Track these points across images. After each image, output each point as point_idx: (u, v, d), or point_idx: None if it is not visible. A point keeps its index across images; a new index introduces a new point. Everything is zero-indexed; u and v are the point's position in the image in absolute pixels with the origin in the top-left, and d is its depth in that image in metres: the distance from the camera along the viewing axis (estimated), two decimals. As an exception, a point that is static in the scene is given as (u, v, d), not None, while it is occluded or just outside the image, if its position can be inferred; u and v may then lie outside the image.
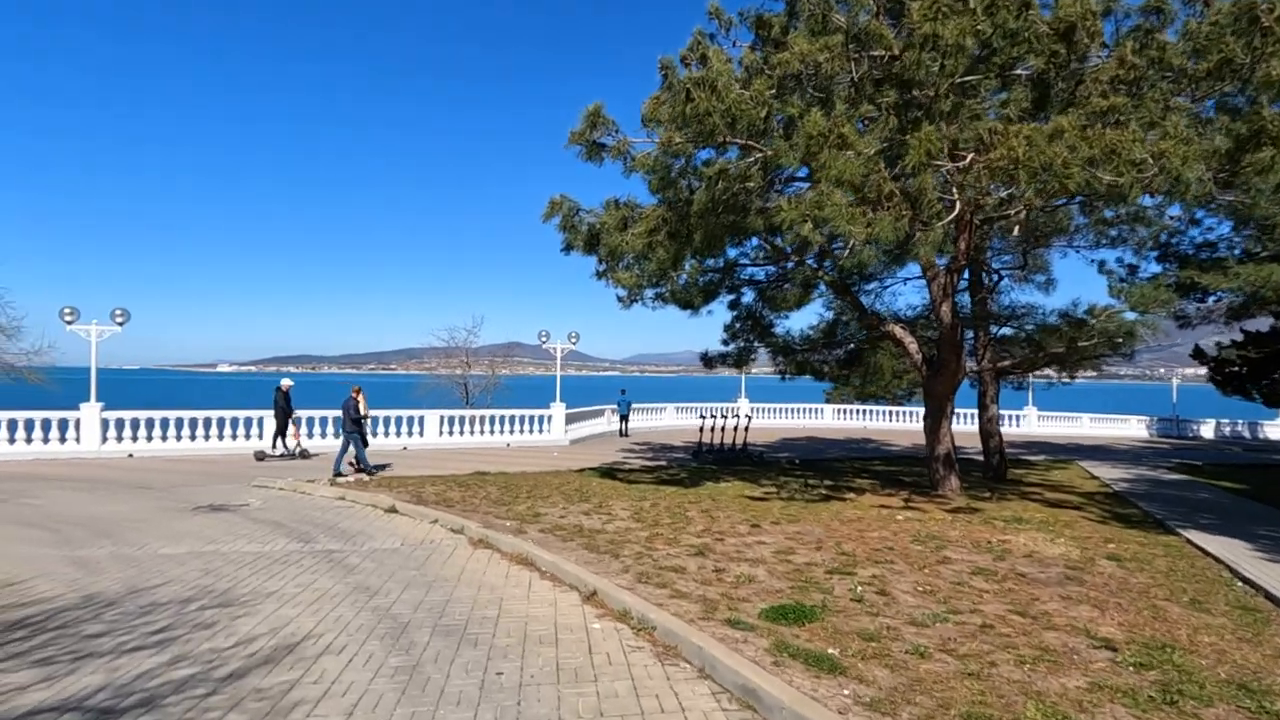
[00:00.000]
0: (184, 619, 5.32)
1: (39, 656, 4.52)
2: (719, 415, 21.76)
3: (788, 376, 16.04)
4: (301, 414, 19.36)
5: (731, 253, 13.72)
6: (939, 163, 7.99)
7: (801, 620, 5.13)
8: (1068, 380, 17.02)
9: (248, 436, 18.87)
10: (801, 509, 10.64)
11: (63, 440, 17.13)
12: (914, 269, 15.70)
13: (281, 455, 17.04)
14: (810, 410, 35.68)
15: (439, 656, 4.60)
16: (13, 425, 16.70)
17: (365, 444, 14.78)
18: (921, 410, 35.84)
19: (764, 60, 10.12)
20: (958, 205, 8.73)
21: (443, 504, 10.45)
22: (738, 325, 16.37)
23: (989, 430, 15.90)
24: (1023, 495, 13.12)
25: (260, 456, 16.98)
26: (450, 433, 21.49)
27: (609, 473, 15.12)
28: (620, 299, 15.97)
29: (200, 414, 18.56)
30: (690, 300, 14.28)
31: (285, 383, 17.68)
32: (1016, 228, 8.36)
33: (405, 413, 20.91)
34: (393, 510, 10.18)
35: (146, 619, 5.31)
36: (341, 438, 14.88)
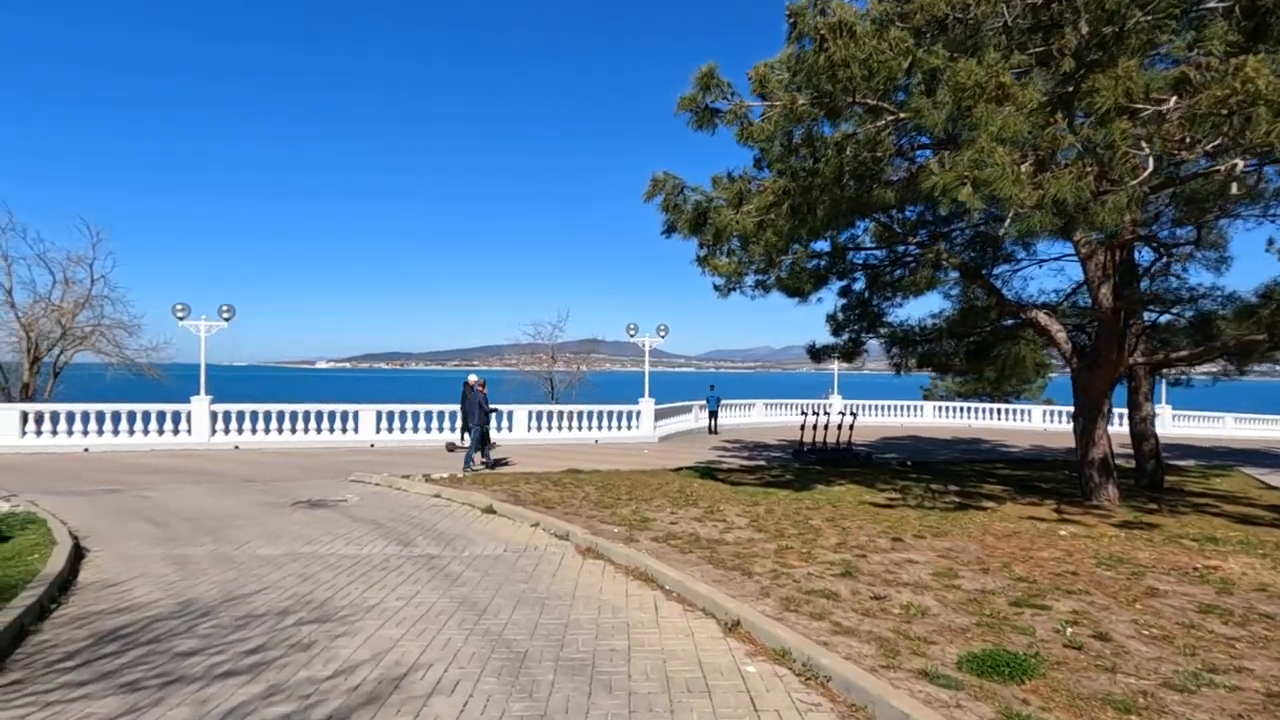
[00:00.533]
0: (280, 636, 4.75)
1: (126, 680, 4.01)
2: (820, 412, 20.40)
3: (904, 371, 14.59)
4: (428, 408, 19.46)
5: (842, 235, 12.44)
6: (1139, 106, 6.55)
7: (1017, 675, 4.01)
8: (1236, 376, 14.75)
9: (344, 430, 19.06)
10: (940, 520, 9.33)
11: (175, 432, 17.75)
12: (1051, 249, 13.92)
13: (478, 456, 17.30)
14: (908, 408, 33.50)
15: (569, 705, 3.78)
16: (132, 417, 17.41)
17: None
18: (1033, 408, 32.95)
19: (898, 8, 8.86)
20: (1150, 163, 7.23)
21: (541, 505, 9.79)
22: (848, 314, 15.03)
23: (1143, 432, 13.90)
24: (1196, 508, 11.23)
25: (451, 448, 17.74)
26: (538, 428, 21.12)
27: (708, 472, 14.16)
28: (717, 288, 14.98)
29: (300, 407, 18.87)
30: (799, 287, 13.10)
31: (472, 378, 17.80)
32: (1234, 185, 6.78)
33: (493, 407, 20.65)
34: (490, 511, 9.60)
35: (241, 634, 4.77)
36: (472, 431, 14.71)
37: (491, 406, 15.44)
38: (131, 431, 17.38)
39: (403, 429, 19.67)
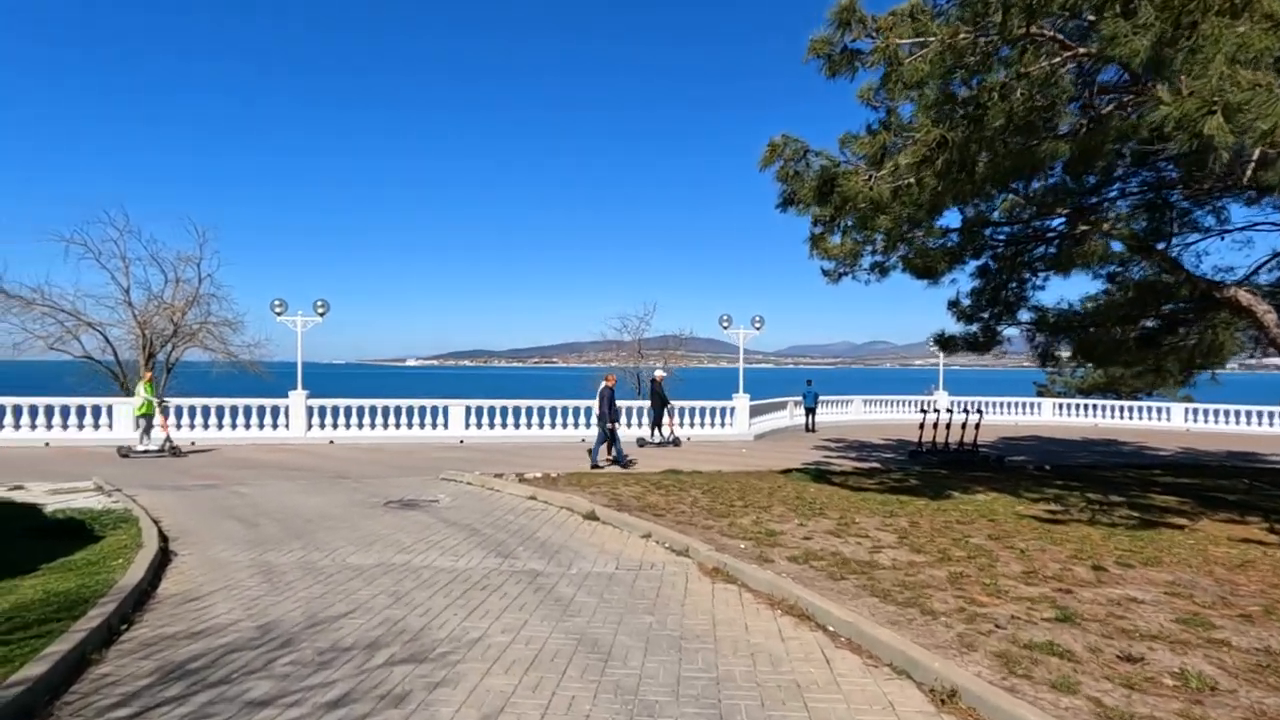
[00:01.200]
0: (369, 682, 3.88)
1: (185, 739, 3.22)
2: (929, 409, 18.51)
3: (1051, 364, 12.70)
4: (516, 404, 19.02)
5: (995, 200, 10.75)
6: None
7: None
8: None
9: (434, 426, 18.77)
10: (1134, 541, 7.63)
11: (275, 426, 17.92)
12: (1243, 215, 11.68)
13: (659, 444, 17.60)
14: (1023, 405, 30.62)
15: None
16: (234, 412, 17.70)
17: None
18: (1172, 406, 29.27)
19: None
20: None
21: (648, 512, 8.76)
22: (979, 299, 13.24)
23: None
24: None
25: (641, 443, 17.59)
26: (629, 424, 20.20)
27: (820, 475, 12.77)
28: (827, 272, 13.55)
29: (391, 402, 18.72)
30: (931, 266, 11.50)
31: (659, 374, 17.34)
32: None
33: (584, 403, 19.92)
34: (592, 517, 8.65)
35: (323, 676, 3.94)
36: (597, 428, 14.19)
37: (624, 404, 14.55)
38: (234, 425, 17.68)
39: (491, 425, 19.22)
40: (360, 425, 18.40)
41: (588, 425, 19.50)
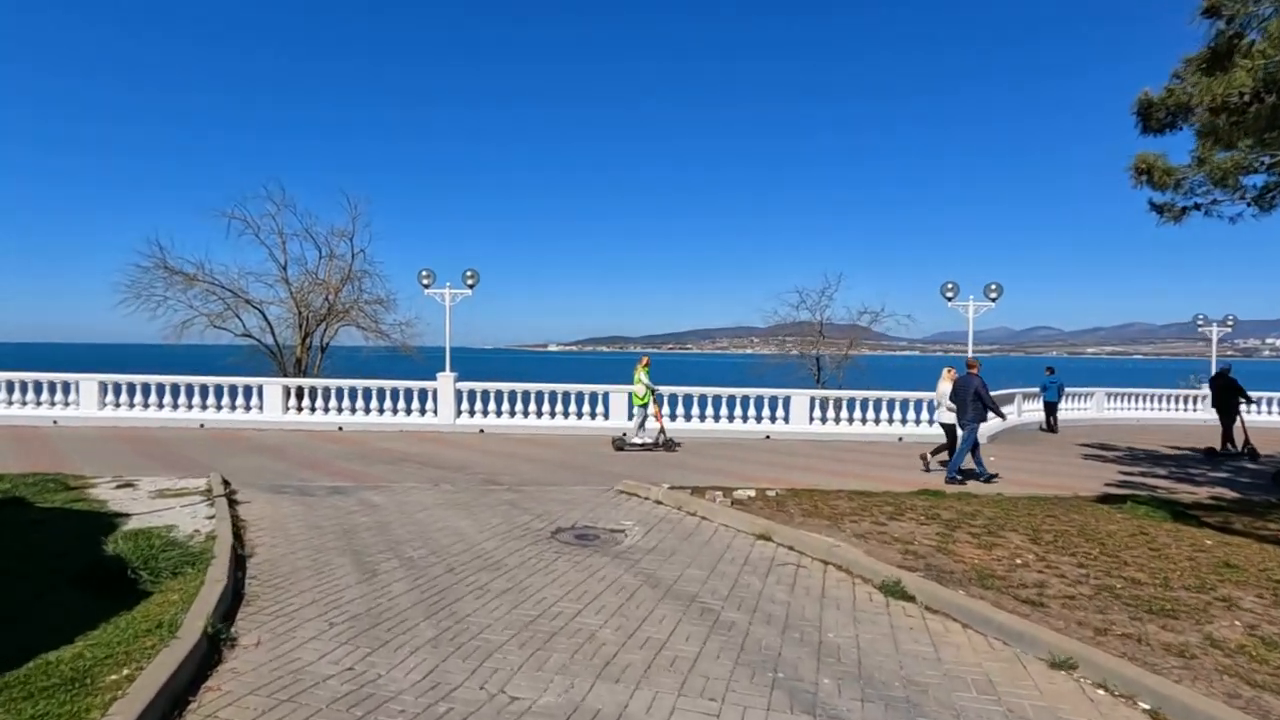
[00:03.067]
0: None
1: None
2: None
3: None
4: (685, 391, 15.97)
5: None
6: None
7: None
8: None
9: (593, 416, 16.06)
10: None
11: (422, 412, 16.04)
12: None
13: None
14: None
15: None
16: (381, 395, 16.00)
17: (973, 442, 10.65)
18: None
19: None
20: None
21: (999, 589, 5.07)
22: None
23: None
24: None
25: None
26: (821, 419, 16.38)
27: (1180, 513, 8.32)
28: (1162, 207, 9.16)
29: (546, 387, 16.22)
30: None
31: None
32: None
33: (769, 392, 16.38)
34: (899, 594, 5.08)
35: None
36: (963, 430, 10.84)
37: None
38: (381, 410, 15.98)
39: (669, 416, 16.17)
40: (512, 412, 16.07)
41: (770, 419, 15.93)
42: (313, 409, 15.92)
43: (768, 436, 15.78)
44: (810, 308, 22.63)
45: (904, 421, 16.20)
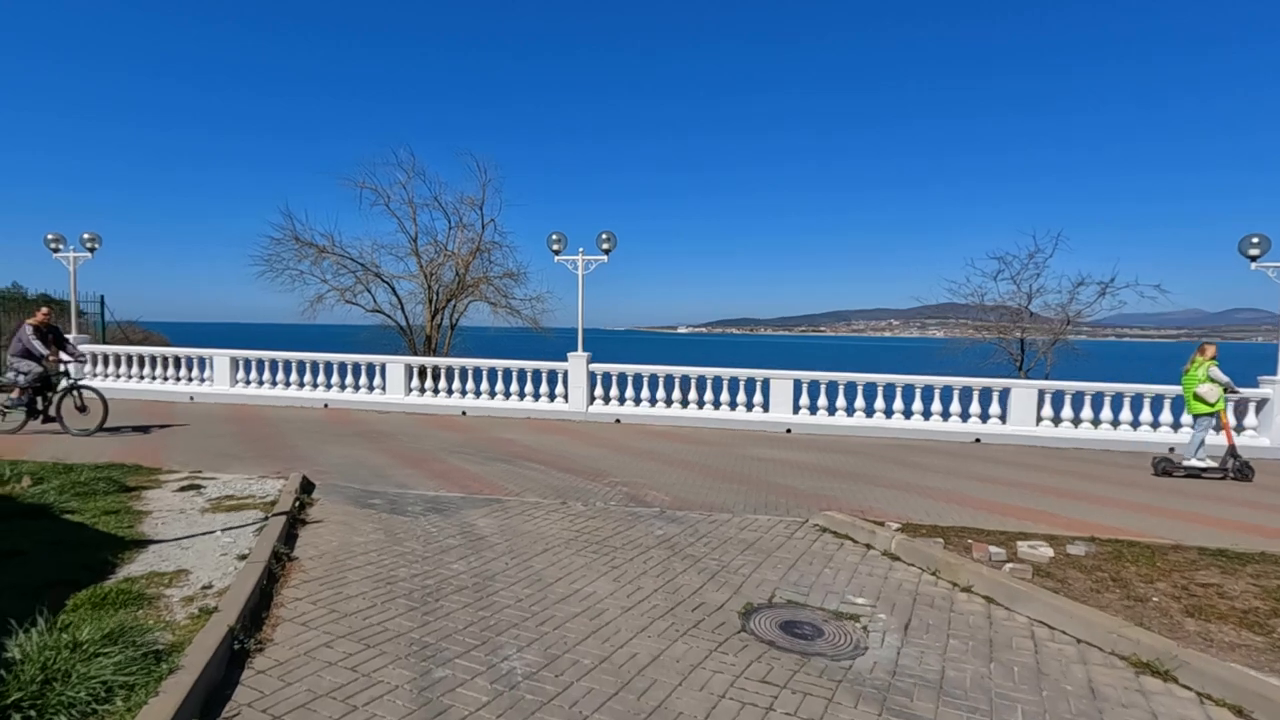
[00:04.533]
0: None
1: None
2: None
3: None
4: (865, 379, 12.77)
5: None
6: None
7: None
8: None
9: (749, 407, 13.22)
10: None
11: (551, 397, 14.00)
12: None
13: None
14: None
15: None
16: (508, 376, 14.13)
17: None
18: None
19: None
20: None
21: None
22: None
23: None
24: None
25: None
26: (1054, 419, 12.47)
27: None
28: None
29: (692, 371, 13.57)
30: None
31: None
32: None
33: (979, 382, 12.70)
34: None
35: None
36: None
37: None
38: (507, 394, 14.12)
39: (830, 410, 13.05)
40: (653, 400, 13.61)
41: (1002, 419, 12.26)
42: (435, 390, 14.39)
43: (978, 440, 12.18)
44: (1013, 277, 18.21)
45: (1175, 426, 11.91)
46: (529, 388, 14.07)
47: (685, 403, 13.53)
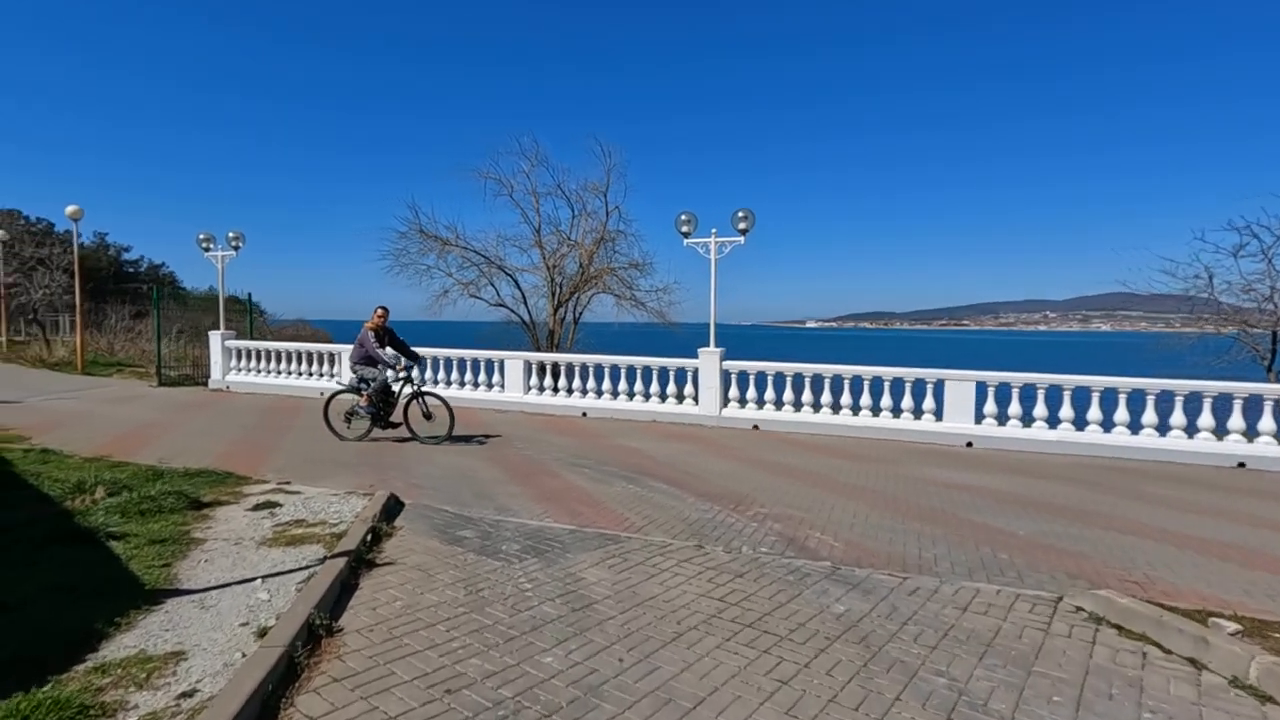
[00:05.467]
0: None
1: None
2: None
3: None
4: (1073, 381, 10.17)
5: None
6: None
7: None
8: None
9: (917, 414, 10.91)
10: None
11: (679, 398, 12.44)
12: None
13: None
14: None
15: None
16: (632, 375, 12.74)
17: None
18: None
19: None
20: None
21: None
22: None
23: None
24: None
25: None
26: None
27: None
28: None
29: (846, 370, 11.45)
30: None
31: None
32: None
33: (1246, 388, 9.59)
34: None
35: None
36: None
37: None
38: (631, 394, 12.73)
39: (1025, 420, 10.47)
40: (796, 405, 11.65)
41: (1246, 437, 9.21)
42: (555, 389, 13.28)
43: (1241, 464, 9.15)
44: (1264, 251, 14.19)
45: None
46: (654, 387, 12.60)
47: (836, 407, 11.45)
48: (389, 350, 9.70)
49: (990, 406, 10.52)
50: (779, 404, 11.80)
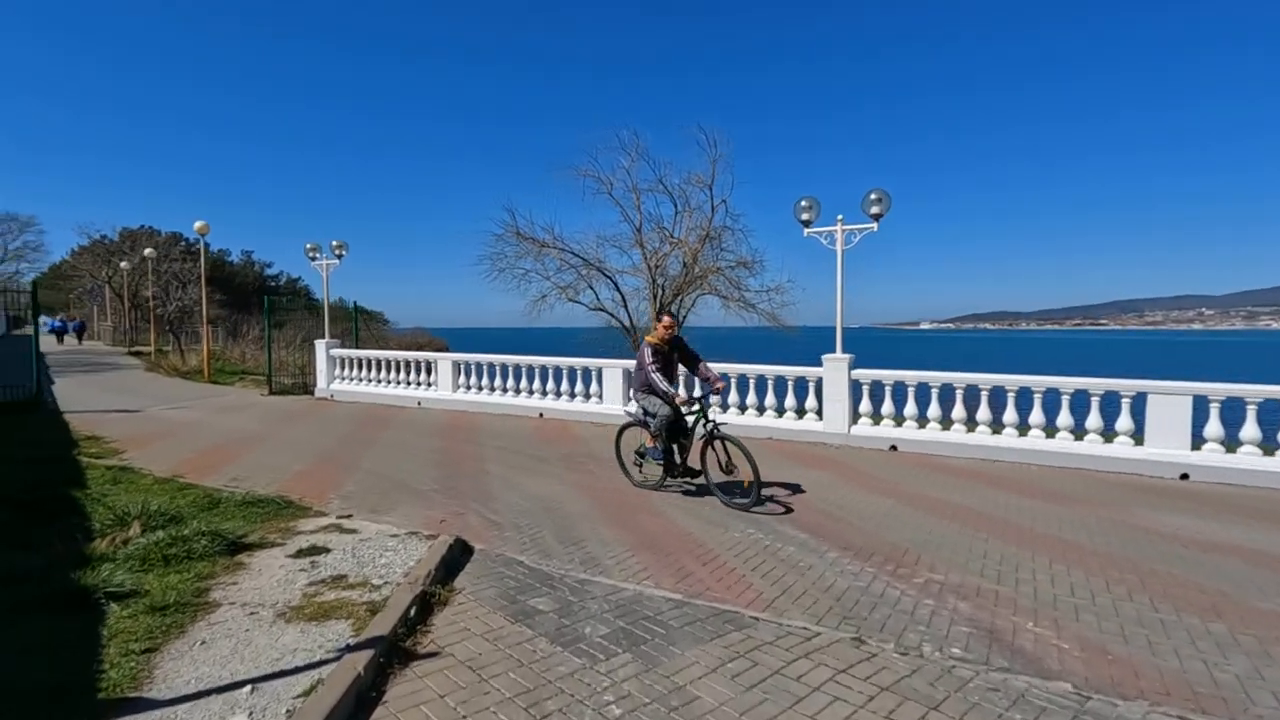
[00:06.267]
0: None
1: None
2: None
3: None
4: None
5: None
6: None
7: None
8: None
9: (1107, 436, 8.67)
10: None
11: (800, 412, 10.77)
12: None
13: None
14: None
15: None
16: (743, 384, 11.21)
17: None
18: None
19: None
20: None
21: None
22: None
23: None
24: None
25: None
26: None
27: None
28: None
29: (1010, 382, 9.34)
30: None
31: None
32: None
33: None
34: None
35: None
36: None
37: None
38: (743, 407, 11.17)
39: (1270, 444, 8.02)
40: (944, 422, 9.69)
41: None
42: (658, 401, 11.99)
43: None
44: None
45: None
46: (770, 399, 11.01)
47: (997, 425, 9.40)
48: (682, 371, 7.43)
49: (1214, 428, 8.14)
50: (921, 420, 9.89)
